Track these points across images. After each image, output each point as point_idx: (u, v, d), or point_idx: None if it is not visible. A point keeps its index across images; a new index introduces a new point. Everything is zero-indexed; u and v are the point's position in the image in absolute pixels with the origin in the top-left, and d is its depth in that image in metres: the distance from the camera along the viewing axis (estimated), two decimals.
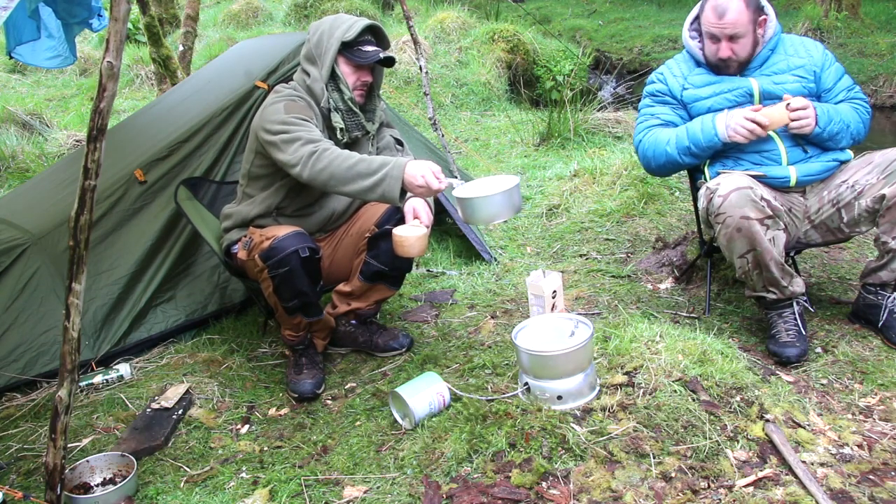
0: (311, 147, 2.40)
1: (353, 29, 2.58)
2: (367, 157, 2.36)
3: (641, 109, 2.87)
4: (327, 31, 2.61)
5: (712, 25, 2.60)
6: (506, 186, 2.28)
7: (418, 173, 2.30)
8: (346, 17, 2.65)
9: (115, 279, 3.01)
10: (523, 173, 5.07)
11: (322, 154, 2.37)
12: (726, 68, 2.67)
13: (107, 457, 2.29)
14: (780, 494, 1.84)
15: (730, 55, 2.62)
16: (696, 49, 2.75)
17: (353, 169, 2.34)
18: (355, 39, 2.58)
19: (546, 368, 2.17)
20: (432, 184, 2.29)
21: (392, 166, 2.31)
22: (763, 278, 2.52)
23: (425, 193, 2.34)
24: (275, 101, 2.56)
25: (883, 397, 2.30)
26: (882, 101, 7.74)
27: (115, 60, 1.77)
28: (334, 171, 2.35)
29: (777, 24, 2.69)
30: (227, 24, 10.16)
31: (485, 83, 7.46)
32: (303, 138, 2.42)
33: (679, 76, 2.79)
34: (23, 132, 6.34)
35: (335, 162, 2.35)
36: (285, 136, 2.44)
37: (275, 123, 2.47)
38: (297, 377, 2.69)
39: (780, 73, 2.66)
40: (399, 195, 2.31)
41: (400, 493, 2.00)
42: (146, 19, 5.63)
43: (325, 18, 2.68)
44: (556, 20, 12.41)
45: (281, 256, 2.42)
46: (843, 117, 2.59)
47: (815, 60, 2.68)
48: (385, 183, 2.31)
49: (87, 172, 1.80)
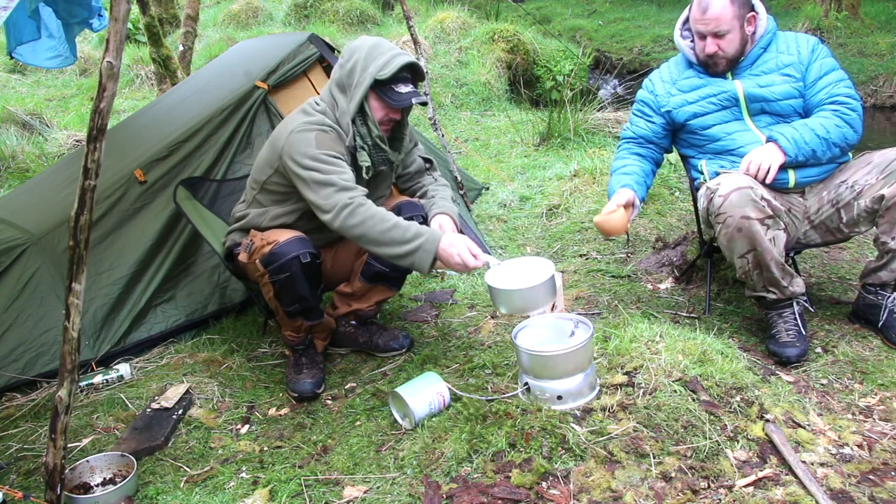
0: (346, 198, 2.34)
1: (389, 67, 2.42)
2: (402, 224, 2.33)
3: (631, 115, 2.94)
4: (361, 62, 2.45)
5: (697, 21, 2.61)
6: (542, 277, 2.21)
7: (454, 251, 2.28)
8: (384, 48, 2.48)
9: (115, 279, 3.01)
10: (523, 173, 5.07)
11: (357, 210, 2.33)
12: (715, 66, 2.67)
13: (107, 457, 2.28)
14: (780, 494, 1.84)
15: (716, 51, 2.62)
16: (686, 49, 2.75)
17: (387, 234, 2.31)
18: (391, 77, 2.44)
19: (546, 368, 2.17)
20: (468, 261, 2.28)
21: (426, 239, 2.30)
22: (763, 278, 2.52)
23: (461, 270, 2.33)
24: (305, 128, 2.44)
25: (883, 397, 2.30)
26: (882, 102, 7.73)
27: (115, 60, 1.77)
28: (367, 231, 2.32)
29: (771, 22, 2.67)
30: (227, 24, 10.16)
31: (485, 83, 7.46)
32: (337, 184, 2.36)
33: (668, 81, 2.81)
34: (23, 132, 6.34)
35: (369, 222, 2.32)
36: (318, 175, 2.37)
37: (305, 157, 2.38)
38: (297, 377, 2.69)
39: (768, 72, 2.64)
40: (429, 267, 2.31)
41: (400, 493, 2.00)
42: (146, 19, 5.63)
43: (363, 43, 2.50)
44: (556, 20, 12.41)
45: (282, 262, 2.41)
46: (817, 132, 2.52)
47: (802, 57, 2.64)
48: (416, 255, 2.30)
49: (87, 172, 1.80)
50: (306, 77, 3.59)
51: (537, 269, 2.27)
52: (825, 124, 2.54)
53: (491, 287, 2.27)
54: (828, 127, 2.53)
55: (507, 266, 2.34)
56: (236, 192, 3.04)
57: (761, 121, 2.66)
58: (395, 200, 2.72)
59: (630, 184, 2.73)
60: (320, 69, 3.66)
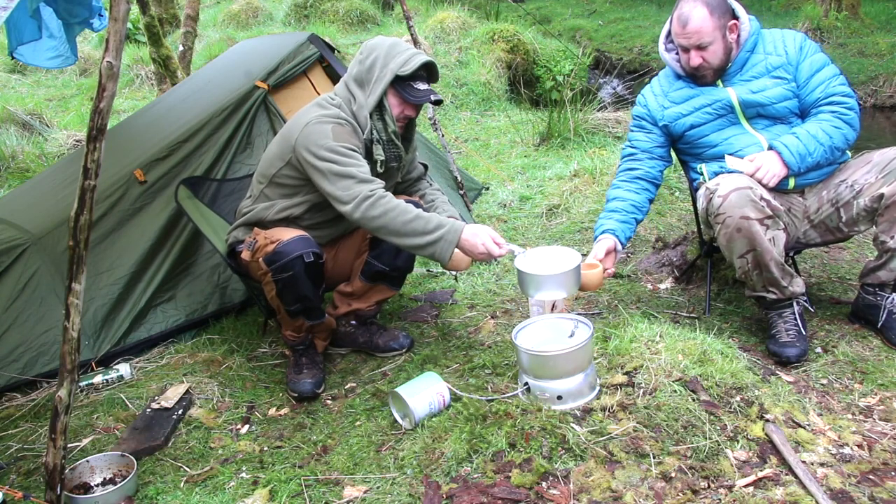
0: (366, 189, 2.36)
1: (410, 64, 2.48)
2: (423, 215, 2.36)
3: (628, 132, 2.93)
4: (382, 58, 2.50)
5: (678, 35, 2.60)
6: (570, 265, 2.32)
7: (479, 241, 2.33)
8: (403, 47, 2.54)
9: (115, 279, 3.01)
10: (523, 173, 5.07)
11: (378, 201, 2.35)
12: (702, 77, 2.66)
13: (107, 457, 2.29)
14: (780, 494, 1.84)
15: (701, 63, 2.60)
16: (671, 61, 2.75)
17: (409, 225, 2.34)
18: (410, 75, 2.49)
19: (546, 368, 2.17)
20: (493, 250, 2.33)
21: (448, 229, 2.33)
22: (763, 278, 2.52)
23: (485, 259, 2.37)
24: (322, 120, 2.46)
25: (883, 397, 2.30)
26: (882, 102, 7.72)
27: (115, 60, 1.77)
28: (389, 222, 2.34)
29: (755, 23, 2.65)
30: (227, 24, 10.16)
31: (485, 83, 7.46)
32: (357, 176, 2.38)
33: (660, 94, 2.80)
34: (23, 132, 6.34)
35: (391, 213, 2.34)
36: (336, 167, 2.39)
37: (322, 149, 2.40)
38: (298, 377, 2.69)
39: (759, 76, 2.62)
40: (448, 257, 2.34)
41: (400, 493, 2.00)
42: (146, 19, 5.63)
43: (381, 41, 2.56)
44: (556, 20, 12.41)
45: (285, 261, 2.41)
46: (820, 139, 2.52)
47: (791, 57, 2.62)
48: (439, 244, 2.33)
49: (87, 172, 1.80)
50: (306, 77, 3.60)
51: (564, 257, 2.38)
52: (827, 129, 2.53)
53: (522, 272, 2.35)
54: (829, 132, 2.53)
55: (533, 253, 2.42)
56: (237, 191, 3.04)
57: (759, 123, 2.65)
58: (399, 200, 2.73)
59: (613, 228, 2.72)
60: (320, 69, 3.67)
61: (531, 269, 2.35)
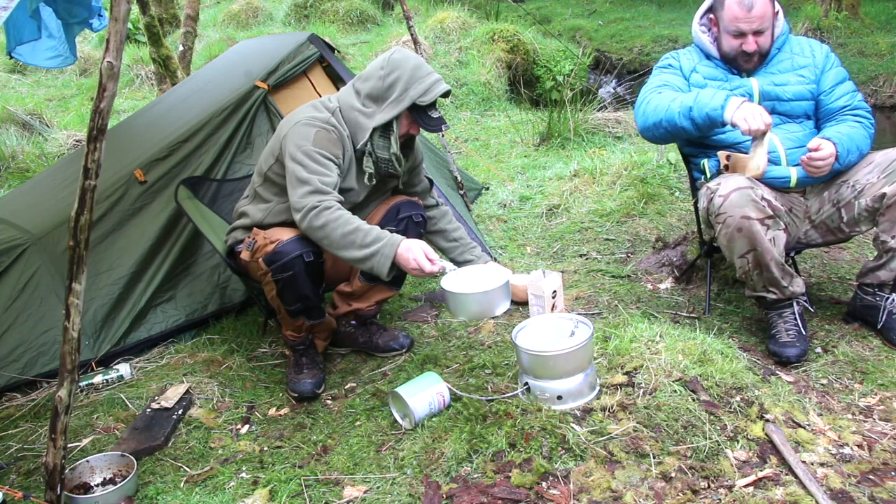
0: (315, 199, 2.35)
1: (430, 94, 2.47)
2: (364, 227, 2.34)
3: (652, 78, 2.81)
4: (404, 81, 2.47)
5: (740, 21, 2.58)
6: (495, 283, 2.25)
7: (411, 256, 2.29)
8: (425, 70, 2.51)
9: (115, 279, 3.01)
10: (523, 173, 5.07)
11: (322, 212, 2.34)
12: (747, 62, 2.66)
13: (107, 457, 2.29)
14: (780, 494, 1.84)
15: (755, 49, 2.61)
16: (706, 43, 2.74)
17: (348, 237, 2.32)
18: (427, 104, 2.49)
19: (546, 368, 2.17)
20: (424, 266, 2.29)
21: (384, 244, 2.31)
22: (763, 278, 2.52)
23: (418, 274, 2.33)
24: (309, 122, 2.47)
25: (883, 397, 2.30)
26: (882, 101, 7.72)
27: (115, 60, 1.77)
28: (329, 233, 2.34)
29: (785, 22, 2.71)
30: (227, 24, 10.16)
31: (485, 83, 7.46)
32: (313, 185, 2.37)
33: (690, 60, 2.79)
34: (23, 132, 6.34)
35: (331, 224, 2.33)
36: (301, 171, 2.39)
37: (298, 150, 2.41)
38: (298, 377, 2.69)
39: (784, 72, 2.67)
40: (388, 271, 2.32)
41: (400, 493, 2.00)
42: (146, 19, 5.63)
43: (405, 59, 2.51)
44: (556, 20, 12.39)
45: (285, 261, 2.41)
46: (858, 143, 2.57)
47: (817, 61, 2.69)
48: (375, 259, 2.31)
49: (87, 172, 1.80)
50: (306, 77, 3.60)
51: (492, 275, 2.32)
52: (859, 134, 2.59)
53: (446, 291, 2.30)
54: (860, 136, 2.59)
55: (464, 272, 2.38)
56: (236, 191, 3.04)
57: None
58: (395, 200, 2.72)
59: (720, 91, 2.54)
60: (320, 69, 3.67)
61: (456, 288, 2.29)
